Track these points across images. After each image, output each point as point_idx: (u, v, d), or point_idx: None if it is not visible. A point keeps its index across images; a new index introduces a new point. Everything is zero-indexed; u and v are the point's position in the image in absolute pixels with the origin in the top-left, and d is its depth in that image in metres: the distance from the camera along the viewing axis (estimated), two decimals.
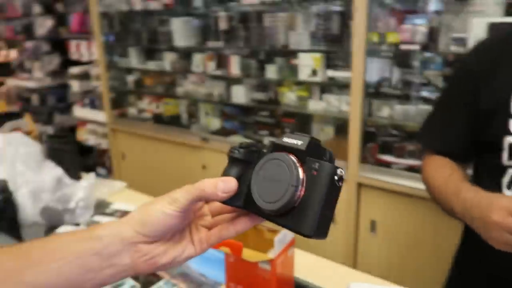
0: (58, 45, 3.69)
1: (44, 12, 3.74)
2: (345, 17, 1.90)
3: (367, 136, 1.89)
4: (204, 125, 2.57)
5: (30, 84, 4.06)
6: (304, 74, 2.05)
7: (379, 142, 1.89)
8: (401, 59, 1.85)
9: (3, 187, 1.22)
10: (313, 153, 0.41)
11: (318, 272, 1.03)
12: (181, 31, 2.47)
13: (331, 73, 1.99)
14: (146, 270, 0.45)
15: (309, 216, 0.40)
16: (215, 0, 2.31)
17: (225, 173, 0.46)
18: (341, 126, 2.03)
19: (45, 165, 1.33)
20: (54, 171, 1.30)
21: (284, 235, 0.88)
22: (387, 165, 1.85)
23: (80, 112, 3.25)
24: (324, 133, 2.12)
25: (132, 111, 2.91)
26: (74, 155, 1.46)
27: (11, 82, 4.41)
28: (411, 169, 1.77)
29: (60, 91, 3.85)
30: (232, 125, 2.48)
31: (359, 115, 1.84)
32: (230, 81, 2.41)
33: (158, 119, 2.76)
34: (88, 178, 1.28)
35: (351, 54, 1.80)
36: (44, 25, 3.80)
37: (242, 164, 0.46)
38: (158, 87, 2.81)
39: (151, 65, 2.73)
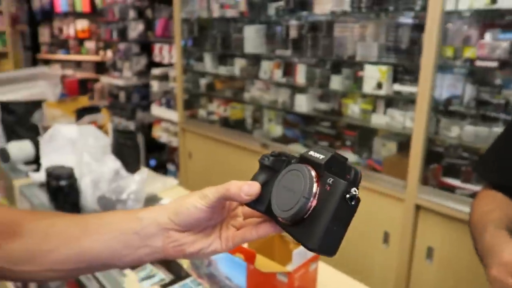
0: (146, 47, 4.01)
1: (137, 17, 4.09)
2: (418, 29, 1.80)
3: (432, 156, 1.77)
4: (266, 131, 2.61)
5: (119, 82, 4.46)
6: (368, 87, 1.98)
7: (444, 164, 1.76)
8: (477, 76, 1.70)
9: (69, 173, 1.37)
10: (335, 169, 0.42)
11: None
12: (252, 38, 2.54)
13: (397, 87, 1.90)
14: (174, 255, 0.50)
15: (315, 230, 0.40)
16: (288, 9, 2.34)
17: (253, 178, 0.49)
18: (404, 143, 1.92)
19: (108, 157, 1.46)
20: (113, 163, 1.42)
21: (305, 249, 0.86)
22: (451, 189, 1.71)
23: (157, 110, 3.50)
24: (386, 149, 2.02)
25: (202, 112, 3.06)
26: (135, 151, 1.58)
27: (105, 80, 4.89)
28: None
29: (144, 90, 4.17)
30: (293, 134, 2.48)
31: (423, 133, 1.72)
32: (295, 89, 2.41)
33: (224, 122, 2.86)
34: (141, 173, 1.37)
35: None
36: (136, 29, 4.16)
37: (270, 171, 0.48)
38: (228, 91, 2.91)
39: (223, 70, 2.85)
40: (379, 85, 1.93)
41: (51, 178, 1.35)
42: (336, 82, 2.16)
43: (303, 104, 2.34)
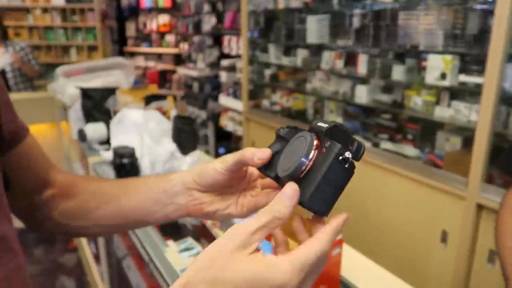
0: (218, 39, 4.18)
1: (211, 11, 4.28)
2: (487, 15, 1.67)
3: (499, 152, 1.63)
4: None
5: (193, 73, 4.71)
6: (431, 77, 1.88)
7: None
8: None
9: (131, 153, 1.51)
10: (336, 137, 0.44)
11: (373, 282, 0.98)
12: (314, 28, 2.53)
13: (463, 77, 1.78)
14: (193, 213, 0.56)
15: (308, 187, 0.43)
16: None
17: (268, 147, 0.52)
18: (469, 138, 1.80)
19: (165, 140, 1.59)
20: (169, 145, 1.54)
21: None
22: None
23: (224, 100, 3.64)
24: (450, 144, 1.91)
25: (265, 103, 3.12)
26: (192, 135, 1.69)
27: (181, 71, 5.19)
28: None
29: (215, 80, 4.36)
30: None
31: (489, 127, 1.60)
32: (356, 80, 2.37)
33: (286, 112, 2.90)
34: (193, 155, 1.47)
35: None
36: (209, 22, 4.35)
37: (283, 141, 0.51)
38: (290, 82, 2.93)
39: (286, 61, 2.88)
40: (443, 76, 1.82)
41: (116, 156, 1.51)
42: (399, 73, 2.08)
43: (363, 95, 2.29)
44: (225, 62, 3.68)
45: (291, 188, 0.42)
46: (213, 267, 0.36)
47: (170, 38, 5.95)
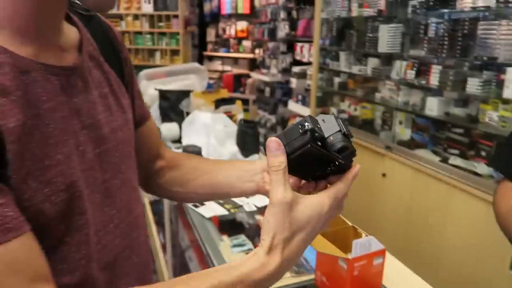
0: (291, 46, 4.26)
1: (286, 18, 4.38)
2: None
3: None
4: (394, 133, 2.53)
5: (266, 78, 4.84)
6: (510, 92, 1.76)
7: None
8: None
9: (198, 152, 1.64)
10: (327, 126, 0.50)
11: None
12: (386, 37, 2.49)
13: None
14: (262, 192, 0.68)
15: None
16: (427, 7, 2.23)
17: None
18: None
19: (228, 141, 1.70)
20: (233, 147, 1.64)
21: (369, 242, 0.90)
22: None
23: (293, 106, 3.70)
24: None
25: (333, 110, 3.12)
26: (254, 138, 1.78)
27: (255, 76, 5.36)
28: None
29: (286, 86, 4.44)
30: (421, 138, 2.35)
31: None
32: (427, 91, 2.29)
33: (353, 121, 2.88)
34: (253, 157, 1.56)
35: None
36: (283, 29, 4.45)
37: None
38: (359, 90, 2.91)
39: (356, 69, 2.86)
40: None
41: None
42: (474, 86, 1.97)
43: (434, 107, 2.21)
44: (296, 69, 3.74)
45: (275, 141, 0.48)
46: (284, 228, 0.46)
47: (246, 43, 6.17)
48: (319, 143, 0.47)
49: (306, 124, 0.46)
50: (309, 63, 3.55)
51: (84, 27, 0.61)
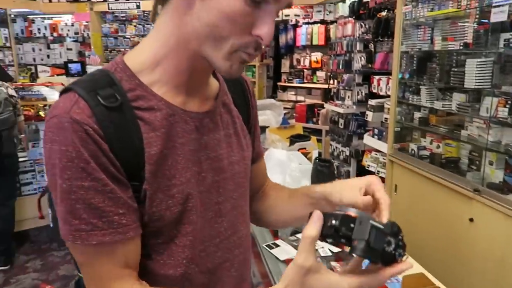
0: (367, 78, 4.19)
1: (362, 50, 4.32)
2: None
3: None
4: (483, 175, 2.33)
5: (340, 110, 4.78)
6: None
7: None
8: None
9: None
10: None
11: None
12: (474, 72, 2.34)
13: None
14: None
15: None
16: None
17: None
18: None
19: (303, 179, 1.69)
20: (307, 183, 1.62)
21: None
22: None
23: (369, 140, 3.59)
24: None
25: (412, 146, 2.97)
26: (329, 178, 1.75)
27: (328, 106, 5.32)
28: None
29: (361, 118, 4.34)
30: None
31: None
32: None
33: (435, 159, 2.71)
34: None
35: None
36: (359, 60, 4.39)
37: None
38: (443, 127, 2.74)
39: (439, 105, 2.71)
40: None
41: None
42: None
43: None
44: (372, 102, 3.65)
45: (319, 215, 0.56)
46: (295, 284, 0.56)
47: (320, 74, 6.18)
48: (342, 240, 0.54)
49: (334, 222, 0.54)
50: (386, 96, 3.45)
51: (224, 81, 0.79)
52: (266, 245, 1.41)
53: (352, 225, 0.53)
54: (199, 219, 0.69)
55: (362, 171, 4.06)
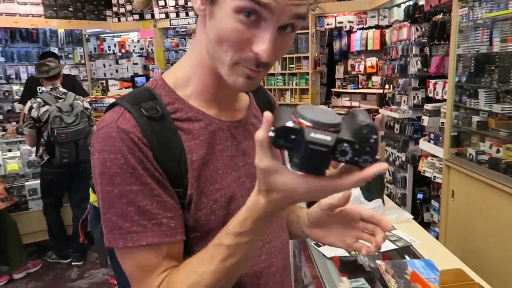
0: (422, 82, 4.10)
1: (418, 54, 4.24)
2: None
3: None
4: None
5: (395, 115, 4.70)
6: None
7: None
8: None
9: None
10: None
11: None
12: None
13: None
14: (310, 236, 0.87)
15: None
16: None
17: None
18: None
19: None
20: (354, 190, 1.69)
21: None
22: None
23: (424, 145, 3.52)
24: None
25: (470, 151, 2.89)
26: (378, 184, 1.80)
27: (384, 111, 5.25)
28: None
29: (417, 123, 4.25)
30: None
31: None
32: None
33: (495, 164, 2.62)
34: (376, 202, 1.58)
35: None
36: (415, 65, 4.32)
37: None
38: (503, 131, 2.65)
39: (498, 108, 2.62)
40: None
41: None
42: None
43: None
44: (428, 106, 3.58)
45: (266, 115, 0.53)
46: (265, 181, 0.58)
47: (376, 79, 6.12)
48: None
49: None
50: (443, 100, 3.37)
51: (253, 95, 0.87)
52: (314, 243, 1.50)
53: (293, 136, 0.49)
54: None
55: (418, 177, 3.98)
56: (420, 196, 4.04)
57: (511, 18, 2.53)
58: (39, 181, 3.98)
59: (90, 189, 0.85)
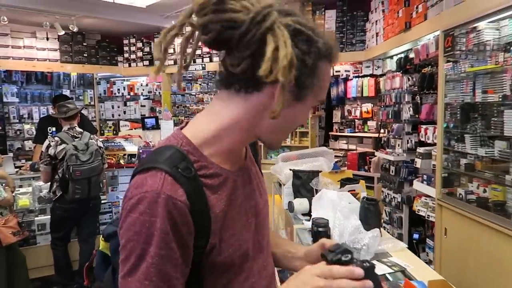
0: (415, 127, 4.40)
1: (410, 101, 4.57)
2: None
3: None
4: None
5: (391, 157, 4.97)
6: None
7: None
8: None
9: (325, 224, 1.94)
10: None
11: None
12: None
13: None
14: (296, 269, 1.03)
15: None
16: None
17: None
18: None
19: (352, 216, 1.96)
20: (355, 221, 1.90)
21: None
22: None
23: (418, 185, 3.76)
24: None
25: (460, 191, 3.12)
26: (375, 215, 2.01)
27: (379, 154, 5.52)
28: None
29: (411, 165, 4.50)
30: None
31: None
32: None
33: (482, 203, 2.84)
34: (374, 232, 1.79)
35: None
36: (408, 111, 4.64)
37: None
38: (488, 172, 2.89)
39: (482, 151, 2.89)
40: None
41: (314, 225, 1.97)
42: None
43: None
44: (421, 149, 3.84)
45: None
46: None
47: (371, 123, 6.44)
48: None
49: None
50: (434, 144, 3.64)
51: None
52: None
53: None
54: (251, 257, 0.85)
55: (414, 216, 4.16)
56: (416, 236, 4.21)
57: (491, 73, 2.86)
58: (48, 216, 4.14)
59: (101, 237, 0.95)
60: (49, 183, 3.89)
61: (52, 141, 3.70)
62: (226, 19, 0.69)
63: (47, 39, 6.53)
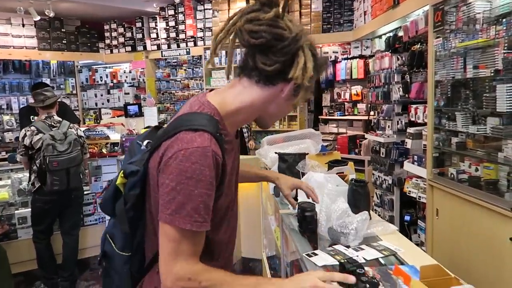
0: (405, 107, 4.30)
1: (399, 81, 4.47)
2: None
3: None
4: None
5: (381, 139, 4.88)
6: None
7: None
8: None
9: (312, 208, 1.83)
10: None
11: None
12: (505, 96, 2.44)
13: None
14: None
15: None
16: None
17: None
18: None
19: (339, 199, 1.85)
20: (342, 204, 1.79)
21: None
22: None
23: (408, 166, 3.67)
24: None
25: (451, 171, 3.04)
26: (364, 197, 1.90)
27: (369, 137, 5.43)
28: None
29: (402, 146, 4.42)
30: None
31: None
32: None
33: (474, 182, 2.76)
34: (362, 215, 1.68)
35: None
36: (397, 91, 4.53)
37: None
38: (480, 150, 2.81)
39: (474, 129, 2.79)
40: None
41: (300, 210, 1.86)
42: None
43: None
44: (411, 130, 3.75)
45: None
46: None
47: (361, 106, 6.34)
48: None
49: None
50: (424, 124, 3.55)
51: None
52: (306, 254, 1.58)
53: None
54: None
55: (405, 199, 4.09)
56: (407, 218, 4.15)
57: (482, 48, 2.75)
58: (29, 210, 3.98)
59: (121, 173, 1.11)
60: (28, 174, 3.74)
61: (28, 131, 3.54)
62: (277, 33, 0.98)
63: (23, 25, 6.26)
